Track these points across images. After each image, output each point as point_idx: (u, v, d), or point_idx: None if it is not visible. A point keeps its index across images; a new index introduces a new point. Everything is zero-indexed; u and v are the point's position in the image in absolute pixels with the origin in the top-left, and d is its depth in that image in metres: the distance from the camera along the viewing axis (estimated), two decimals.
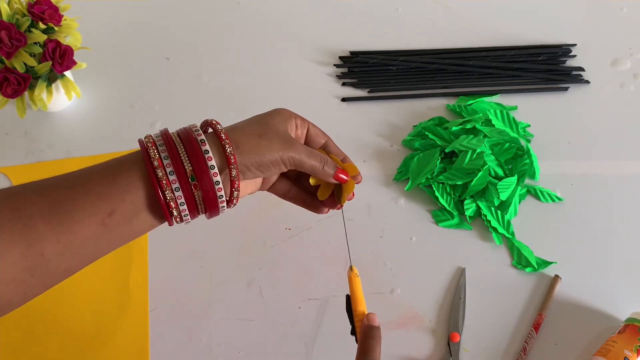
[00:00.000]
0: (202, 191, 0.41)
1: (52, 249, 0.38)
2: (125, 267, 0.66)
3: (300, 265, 0.66)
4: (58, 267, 0.39)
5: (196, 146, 0.41)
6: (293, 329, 0.63)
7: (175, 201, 0.40)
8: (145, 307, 0.64)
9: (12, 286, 0.37)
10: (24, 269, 0.37)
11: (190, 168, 0.40)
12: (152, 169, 0.40)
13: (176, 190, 0.40)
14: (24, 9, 0.68)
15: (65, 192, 0.39)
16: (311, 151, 0.47)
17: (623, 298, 0.62)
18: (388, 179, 0.70)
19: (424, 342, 0.62)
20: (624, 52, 0.79)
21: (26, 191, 0.39)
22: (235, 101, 0.77)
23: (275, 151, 0.44)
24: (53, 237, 0.38)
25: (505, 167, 0.68)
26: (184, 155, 0.41)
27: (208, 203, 0.42)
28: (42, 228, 0.37)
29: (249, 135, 0.44)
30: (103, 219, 0.39)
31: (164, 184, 0.40)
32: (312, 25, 0.83)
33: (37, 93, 0.69)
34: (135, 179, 0.40)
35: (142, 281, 0.65)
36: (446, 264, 0.65)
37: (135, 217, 0.40)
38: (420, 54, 0.79)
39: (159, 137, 0.42)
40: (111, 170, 0.41)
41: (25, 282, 0.38)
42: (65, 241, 0.38)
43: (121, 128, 0.76)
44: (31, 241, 0.37)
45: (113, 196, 0.39)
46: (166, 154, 0.40)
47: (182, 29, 0.83)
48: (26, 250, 0.37)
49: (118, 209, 0.39)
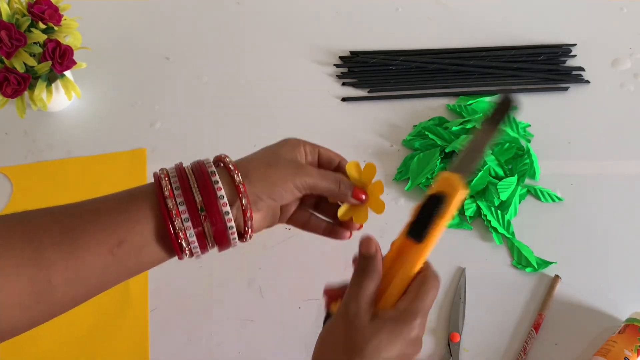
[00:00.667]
0: (210, 222, 0.40)
1: (60, 277, 0.38)
2: None
3: (300, 265, 0.66)
4: (64, 296, 0.39)
5: (206, 177, 0.41)
6: (293, 329, 0.63)
7: (184, 232, 0.40)
8: (145, 307, 0.64)
9: (17, 311, 0.37)
10: (30, 294, 0.37)
11: (200, 199, 0.40)
12: (162, 199, 0.40)
13: (185, 220, 0.40)
14: (24, 8, 0.68)
15: (77, 220, 0.39)
16: (324, 173, 0.46)
17: (623, 298, 0.62)
18: (388, 179, 0.70)
19: (424, 342, 0.61)
20: (624, 52, 0.79)
21: (38, 216, 0.39)
22: (235, 101, 0.77)
23: (286, 177, 0.44)
24: (62, 264, 0.38)
25: (505, 167, 0.68)
26: (195, 186, 0.41)
27: (217, 233, 0.41)
28: (52, 255, 0.37)
29: (257, 165, 0.44)
30: (112, 248, 0.39)
31: (174, 214, 0.40)
32: (312, 25, 0.83)
33: (37, 93, 0.69)
34: (145, 209, 0.40)
35: (142, 281, 0.65)
36: (446, 264, 0.65)
37: (145, 248, 0.40)
38: (420, 54, 0.79)
39: (173, 170, 0.42)
40: (123, 200, 0.41)
41: (30, 309, 0.38)
42: (74, 269, 0.38)
43: (121, 128, 0.76)
44: (40, 267, 0.37)
45: (123, 226, 0.39)
46: (177, 184, 0.41)
47: (182, 29, 0.83)
48: (34, 275, 0.37)
49: (127, 239, 0.39)
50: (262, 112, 0.76)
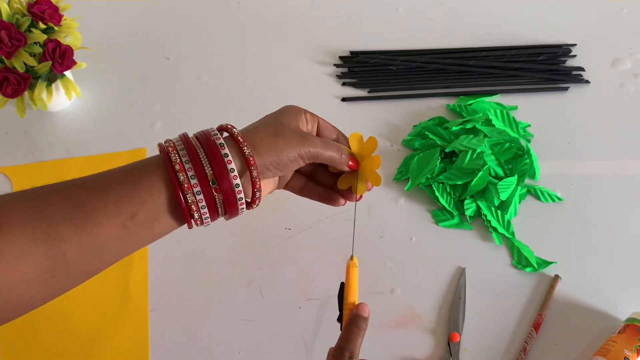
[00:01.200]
0: (222, 194, 0.42)
1: (74, 251, 0.38)
2: (125, 267, 0.66)
3: (300, 265, 0.66)
4: (78, 269, 0.39)
5: (216, 150, 0.42)
6: (293, 329, 0.63)
7: (196, 204, 0.41)
8: (145, 307, 0.64)
9: (33, 285, 0.38)
10: (46, 269, 0.38)
11: (211, 172, 0.41)
12: (173, 172, 0.40)
13: (197, 193, 0.41)
14: (24, 8, 0.68)
15: (87, 194, 0.39)
16: (327, 142, 0.47)
17: (623, 298, 0.62)
18: (388, 179, 0.70)
19: (424, 342, 0.62)
20: (624, 52, 0.79)
21: (48, 192, 0.39)
22: (236, 101, 0.77)
23: (293, 148, 0.45)
24: (75, 238, 0.38)
25: (505, 167, 0.68)
26: (204, 159, 0.41)
27: (228, 205, 0.42)
28: (64, 229, 0.38)
29: (264, 136, 0.45)
30: (125, 221, 0.40)
31: (186, 187, 0.40)
32: (312, 25, 0.83)
33: (37, 93, 0.69)
34: (157, 182, 0.41)
35: (142, 281, 0.65)
36: (446, 264, 0.65)
37: (157, 220, 0.41)
38: (420, 54, 0.79)
39: (179, 142, 0.42)
40: (133, 173, 0.41)
41: (46, 283, 0.38)
42: (87, 243, 0.39)
43: (121, 128, 0.76)
44: (53, 242, 0.38)
45: (135, 199, 0.40)
46: (187, 158, 0.41)
47: (182, 29, 0.83)
48: (49, 250, 0.37)
49: (140, 212, 0.40)
50: (262, 112, 0.76)
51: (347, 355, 0.46)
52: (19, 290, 0.37)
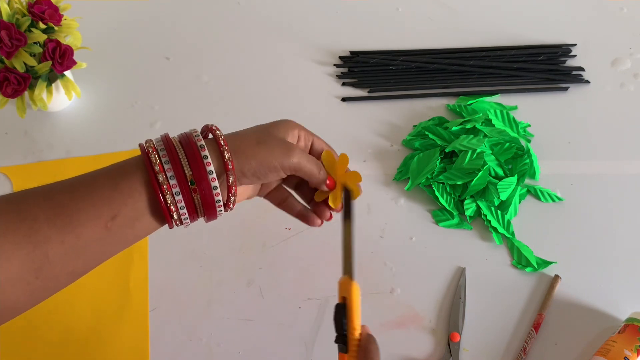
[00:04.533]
0: (200, 195, 0.42)
1: (57, 251, 0.38)
2: (125, 267, 0.66)
3: (300, 265, 0.66)
4: (62, 270, 0.40)
5: (196, 151, 0.42)
6: (293, 329, 0.63)
7: (175, 205, 0.41)
8: (145, 307, 0.64)
9: (18, 287, 0.38)
10: (29, 270, 0.38)
11: (190, 173, 0.41)
12: (153, 174, 0.41)
13: (176, 194, 0.41)
14: (24, 8, 0.68)
15: (69, 196, 0.40)
16: (310, 157, 0.47)
17: (623, 298, 0.62)
18: (388, 179, 0.70)
19: (424, 342, 0.62)
20: (624, 52, 0.79)
21: (30, 195, 0.40)
22: (235, 101, 0.77)
23: (274, 158, 0.44)
24: (57, 238, 0.38)
25: (505, 167, 0.68)
26: (184, 160, 0.42)
27: (206, 207, 0.43)
28: (47, 230, 0.38)
29: (248, 143, 0.45)
30: (106, 222, 0.40)
31: (165, 188, 0.41)
32: (312, 25, 0.83)
33: (37, 93, 0.69)
34: (137, 184, 0.41)
35: (142, 281, 0.65)
36: (446, 264, 0.65)
37: (138, 220, 0.41)
38: (420, 54, 0.79)
39: (160, 142, 0.43)
40: (113, 174, 0.42)
41: (31, 284, 0.38)
42: (70, 243, 0.39)
43: (121, 128, 0.76)
44: (36, 243, 0.38)
45: (116, 201, 0.40)
46: (167, 158, 0.41)
47: (182, 29, 0.83)
48: (32, 252, 0.38)
49: (121, 213, 0.40)
50: (262, 112, 0.76)
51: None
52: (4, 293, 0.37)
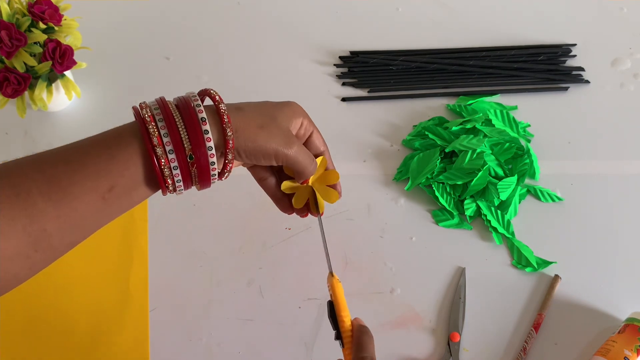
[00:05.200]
0: (197, 169, 0.42)
1: (54, 224, 0.38)
2: (125, 267, 0.66)
3: (300, 265, 0.66)
4: (61, 241, 0.40)
5: (197, 124, 0.41)
6: (293, 329, 0.63)
7: (172, 177, 0.41)
8: (145, 307, 0.64)
9: (17, 261, 0.38)
10: (27, 244, 0.38)
11: (190, 147, 0.41)
12: (151, 146, 0.40)
13: (174, 168, 0.41)
14: (24, 8, 0.68)
15: (63, 168, 0.39)
16: (307, 153, 0.47)
17: (623, 298, 0.62)
18: (388, 179, 0.70)
19: (424, 342, 0.62)
20: (624, 52, 0.79)
21: (22, 167, 0.39)
22: (235, 101, 0.77)
23: (272, 146, 0.44)
24: (54, 212, 0.38)
25: (505, 167, 0.68)
26: (183, 131, 0.41)
27: (202, 178, 0.43)
28: (42, 204, 0.38)
29: (250, 124, 0.44)
30: (103, 194, 0.40)
31: (163, 162, 0.40)
32: (312, 25, 0.83)
33: (37, 93, 0.69)
34: (134, 155, 0.40)
35: (142, 281, 0.65)
36: (446, 264, 0.65)
37: (134, 190, 0.41)
38: (420, 54, 0.79)
39: (157, 110, 0.42)
40: (109, 144, 0.41)
41: (30, 257, 0.38)
42: (66, 216, 0.39)
43: None
44: (32, 217, 0.37)
45: (112, 172, 0.40)
46: (165, 130, 0.40)
47: (182, 29, 0.83)
48: (28, 226, 0.37)
49: (118, 184, 0.40)
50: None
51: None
52: (3, 267, 0.37)
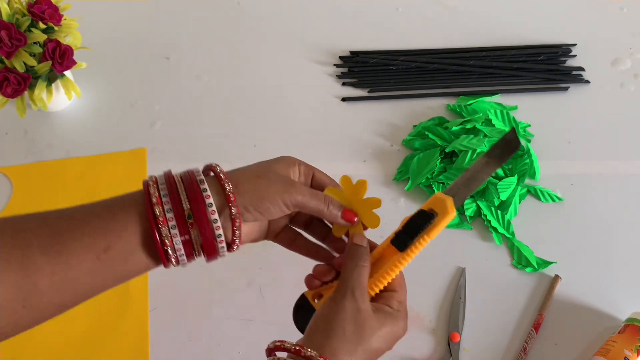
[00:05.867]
0: (198, 229, 0.40)
1: (47, 281, 0.38)
2: None
3: (300, 265, 0.66)
4: (51, 301, 0.39)
5: (195, 185, 0.41)
6: (293, 329, 0.63)
7: (171, 240, 0.40)
8: (145, 307, 0.64)
9: (3, 315, 0.37)
10: (16, 299, 0.37)
11: (188, 206, 0.40)
12: (150, 206, 0.40)
13: (172, 227, 0.40)
14: (24, 8, 0.68)
15: (66, 223, 0.39)
16: (313, 192, 0.45)
17: (623, 298, 0.62)
18: (388, 179, 0.70)
19: (424, 342, 0.62)
20: (624, 52, 0.79)
21: (27, 220, 0.39)
22: (235, 101, 0.77)
23: (275, 192, 0.43)
24: (48, 268, 0.37)
25: (505, 167, 0.68)
26: (183, 194, 0.40)
27: (205, 243, 0.41)
28: (39, 259, 0.37)
29: (248, 177, 0.43)
30: (99, 253, 0.39)
31: (161, 221, 0.39)
32: (312, 25, 0.83)
33: (37, 93, 0.69)
34: (133, 216, 0.40)
35: (142, 281, 0.65)
36: (446, 264, 0.65)
37: (131, 255, 0.40)
38: (420, 54, 0.79)
39: (162, 177, 0.42)
40: (112, 206, 0.41)
41: (16, 313, 0.37)
42: (60, 273, 0.38)
43: (121, 128, 0.76)
44: (27, 271, 0.37)
45: (111, 231, 0.39)
46: (165, 192, 0.40)
47: (182, 29, 0.83)
48: (21, 280, 0.37)
49: (114, 245, 0.39)
50: (262, 112, 0.76)
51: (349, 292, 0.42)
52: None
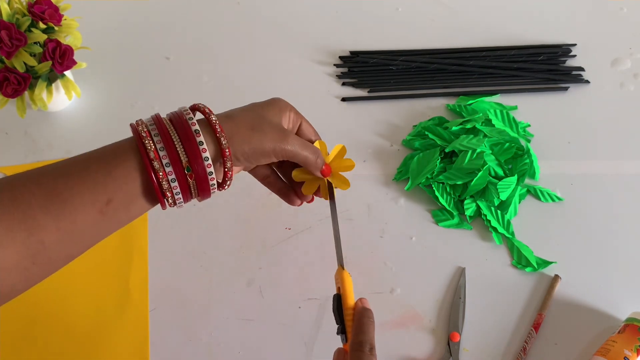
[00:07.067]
0: (196, 180, 0.42)
1: (52, 237, 0.39)
2: (125, 267, 0.66)
3: (300, 265, 0.66)
4: (59, 254, 0.40)
5: (191, 136, 0.42)
6: (293, 329, 0.63)
7: (171, 190, 0.42)
8: (145, 307, 0.64)
9: (14, 273, 0.38)
10: (25, 257, 0.38)
11: (186, 159, 0.41)
12: (148, 161, 0.41)
13: (172, 181, 0.41)
14: (24, 8, 0.68)
15: (63, 181, 0.40)
16: (305, 143, 0.48)
17: (623, 298, 0.62)
18: (388, 179, 0.70)
19: (424, 342, 0.62)
20: (624, 52, 0.79)
21: (23, 180, 0.40)
22: (235, 101, 0.77)
23: (268, 143, 0.45)
24: (52, 225, 0.38)
25: (505, 167, 0.68)
26: (179, 144, 0.42)
27: (201, 189, 0.43)
28: (42, 217, 0.38)
29: (242, 127, 0.45)
30: (101, 207, 0.40)
31: (161, 175, 0.41)
32: (312, 25, 0.83)
33: (37, 93, 0.69)
34: (131, 170, 0.41)
35: (142, 281, 0.65)
36: (446, 264, 0.65)
37: (132, 203, 0.42)
38: (420, 54, 0.79)
39: (153, 126, 0.43)
40: (108, 159, 0.41)
41: (28, 270, 0.39)
42: (65, 229, 0.39)
43: (121, 128, 0.75)
44: (31, 230, 0.38)
45: (110, 186, 0.40)
46: (162, 145, 0.41)
47: (182, 29, 0.83)
48: (27, 239, 0.38)
49: (115, 198, 0.41)
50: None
51: (367, 347, 0.46)
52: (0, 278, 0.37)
